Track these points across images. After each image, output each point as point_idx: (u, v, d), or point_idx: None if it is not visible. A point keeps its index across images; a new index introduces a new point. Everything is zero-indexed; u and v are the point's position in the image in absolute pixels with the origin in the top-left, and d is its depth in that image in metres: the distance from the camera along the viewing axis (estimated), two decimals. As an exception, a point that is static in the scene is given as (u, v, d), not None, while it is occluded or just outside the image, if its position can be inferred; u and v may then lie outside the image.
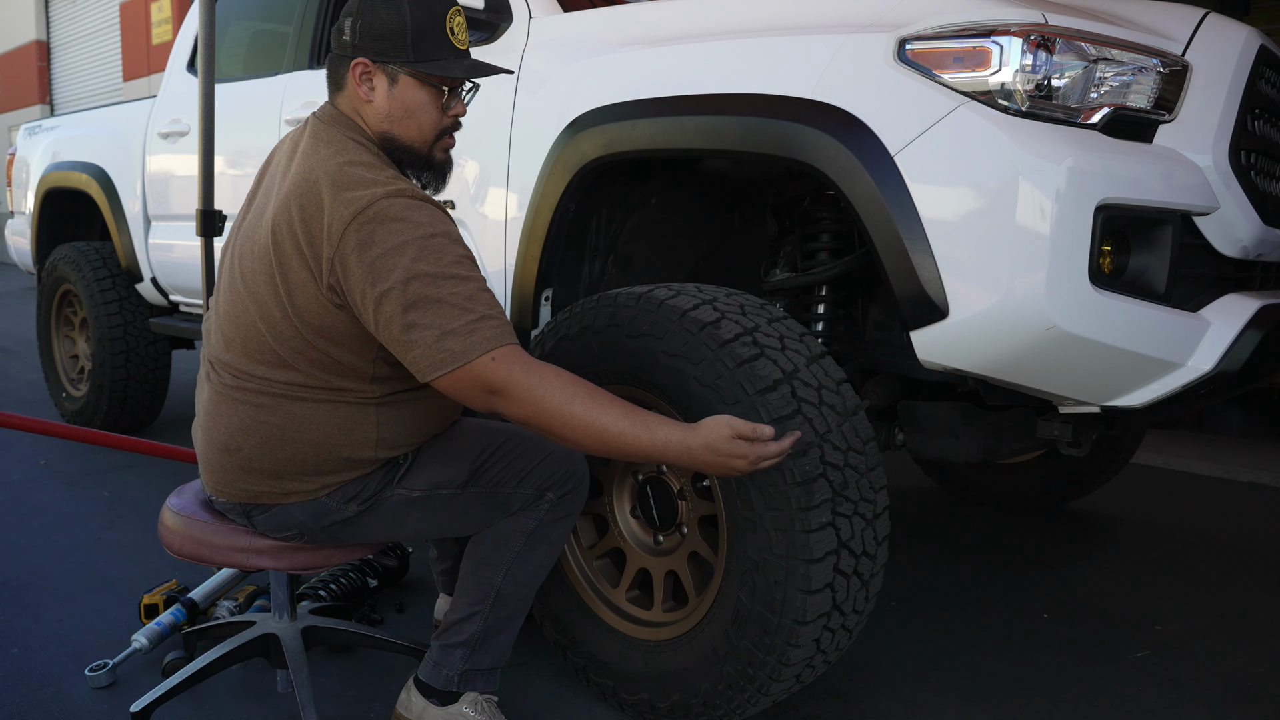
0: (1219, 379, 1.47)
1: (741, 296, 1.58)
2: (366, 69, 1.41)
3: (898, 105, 1.46)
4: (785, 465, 1.38)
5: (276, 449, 1.41)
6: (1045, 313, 1.37)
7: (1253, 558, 2.62)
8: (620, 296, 1.60)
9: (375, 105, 1.42)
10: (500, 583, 1.50)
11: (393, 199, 1.30)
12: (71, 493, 3.06)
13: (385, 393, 1.43)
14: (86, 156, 3.70)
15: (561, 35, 2.04)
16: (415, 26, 1.38)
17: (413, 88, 1.41)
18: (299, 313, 1.35)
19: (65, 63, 12.91)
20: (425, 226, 1.30)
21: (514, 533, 1.49)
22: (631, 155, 1.78)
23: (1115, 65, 1.45)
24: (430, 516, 1.51)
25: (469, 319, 1.27)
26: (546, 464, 1.48)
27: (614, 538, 1.75)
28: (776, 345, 1.48)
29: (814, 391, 1.45)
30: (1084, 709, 1.79)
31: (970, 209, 1.40)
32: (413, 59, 1.39)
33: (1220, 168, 1.50)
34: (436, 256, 1.29)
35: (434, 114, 1.44)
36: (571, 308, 1.68)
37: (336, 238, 1.29)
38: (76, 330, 3.95)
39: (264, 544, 1.52)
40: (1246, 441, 4.04)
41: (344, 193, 1.30)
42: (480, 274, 1.34)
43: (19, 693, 1.78)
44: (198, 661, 1.68)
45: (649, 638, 1.64)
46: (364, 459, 1.44)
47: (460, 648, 1.51)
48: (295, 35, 2.92)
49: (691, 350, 1.47)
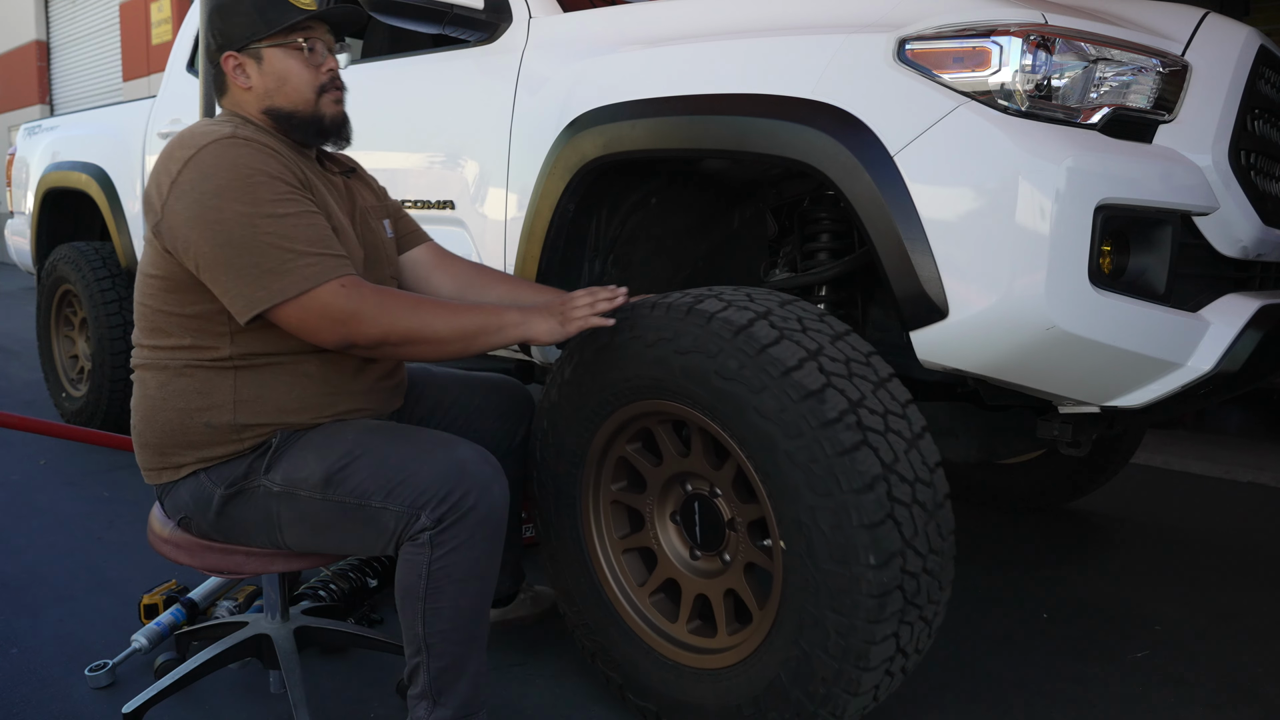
0: (1219, 379, 1.46)
1: (798, 307, 1.49)
2: (236, 60, 1.50)
3: (897, 105, 1.46)
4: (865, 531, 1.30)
5: (153, 419, 1.47)
6: (1045, 313, 1.36)
7: (1253, 558, 2.62)
8: (670, 306, 1.51)
9: (254, 88, 1.50)
10: (423, 632, 1.38)
11: (218, 142, 1.37)
12: (71, 493, 3.05)
13: (243, 353, 1.44)
14: (86, 156, 3.70)
15: (561, 35, 2.04)
16: (258, 3, 1.47)
17: (277, 56, 1.49)
18: (152, 264, 1.44)
19: (65, 63, 12.90)
20: (243, 166, 1.35)
21: (412, 574, 1.36)
22: (631, 155, 1.78)
23: (1115, 65, 1.45)
24: (301, 523, 1.43)
25: (287, 255, 1.34)
26: (419, 477, 1.35)
27: (668, 570, 1.67)
28: (843, 373, 1.39)
29: (880, 419, 1.37)
30: (1084, 709, 1.79)
31: (970, 209, 1.40)
32: (265, 30, 1.47)
33: (1220, 168, 1.50)
34: (253, 194, 1.34)
35: (305, 72, 1.50)
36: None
37: (167, 188, 1.37)
38: (76, 330, 3.95)
39: (181, 537, 1.53)
40: (1246, 441, 4.03)
41: (178, 149, 1.39)
42: (311, 208, 1.40)
43: (19, 693, 1.78)
44: (190, 662, 1.68)
45: (712, 665, 1.56)
46: (224, 424, 1.43)
47: (422, 700, 1.42)
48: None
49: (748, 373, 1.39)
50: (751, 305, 1.47)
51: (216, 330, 1.43)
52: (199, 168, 1.35)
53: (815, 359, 1.38)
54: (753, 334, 1.40)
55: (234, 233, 1.33)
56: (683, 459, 1.61)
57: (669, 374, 1.48)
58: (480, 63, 2.13)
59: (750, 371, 1.38)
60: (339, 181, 1.61)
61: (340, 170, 1.65)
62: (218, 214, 1.33)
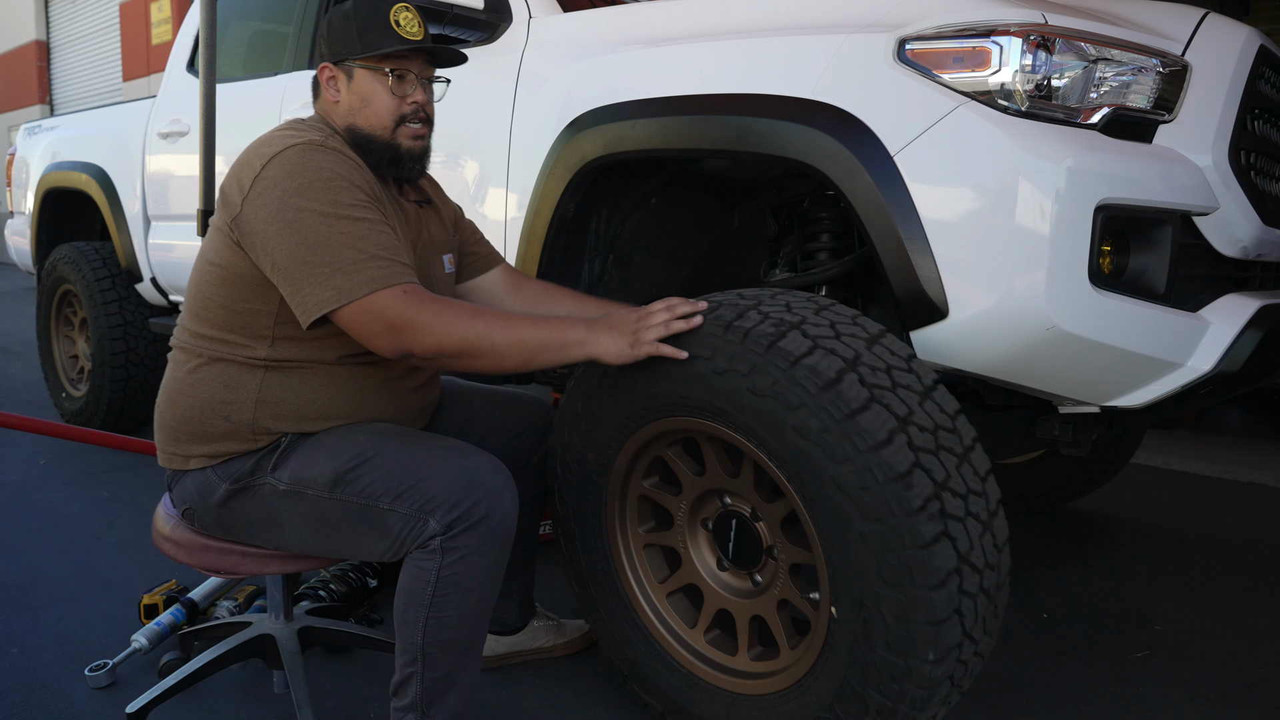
0: (1219, 379, 1.46)
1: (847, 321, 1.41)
2: (331, 72, 1.53)
3: (898, 105, 1.46)
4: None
5: (176, 403, 1.48)
6: (1045, 313, 1.36)
7: (1253, 558, 2.62)
8: (749, 335, 1.38)
9: (341, 104, 1.52)
10: (422, 640, 1.35)
11: (306, 145, 1.39)
12: (71, 493, 3.05)
13: (277, 357, 1.44)
14: (86, 156, 3.70)
15: (561, 35, 2.04)
16: (361, 23, 1.49)
17: (366, 78, 1.50)
18: (216, 253, 1.44)
19: (65, 63, 12.90)
20: (326, 170, 1.37)
21: (419, 580, 1.34)
22: (631, 155, 1.78)
23: (1115, 65, 1.45)
24: (305, 523, 1.42)
25: (358, 257, 1.34)
26: (431, 482, 1.34)
27: (714, 600, 1.61)
28: (887, 384, 1.33)
29: (930, 436, 1.30)
30: (1084, 709, 1.79)
31: (970, 209, 1.39)
32: (359, 50, 1.49)
33: (1220, 168, 1.50)
34: (332, 197, 1.36)
35: (388, 99, 1.51)
36: None
37: (249, 183, 1.38)
38: (76, 330, 3.95)
39: (181, 536, 1.53)
40: (1246, 441, 4.03)
41: (264, 147, 1.41)
42: (384, 221, 1.40)
43: (19, 693, 1.78)
44: (194, 662, 1.68)
45: (731, 688, 1.53)
46: (243, 423, 1.43)
47: (410, 712, 1.38)
48: (295, 35, 2.92)
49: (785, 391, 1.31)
50: (839, 351, 1.34)
51: (259, 332, 1.44)
52: (283, 166, 1.37)
53: (903, 429, 1.28)
54: (841, 393, 1.29)
55: (310, 232, 1.34)
56: (730, 478, 1.54)
57: (736, 408, 1.37)
58: (480, 63, 2.13)
59: (835, 438, 1.27)
60: (410, 209, 1.59)
61: (414, 199, 1.63)
62: (296, 212, 1.34)
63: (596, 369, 1.58)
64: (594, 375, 1.60)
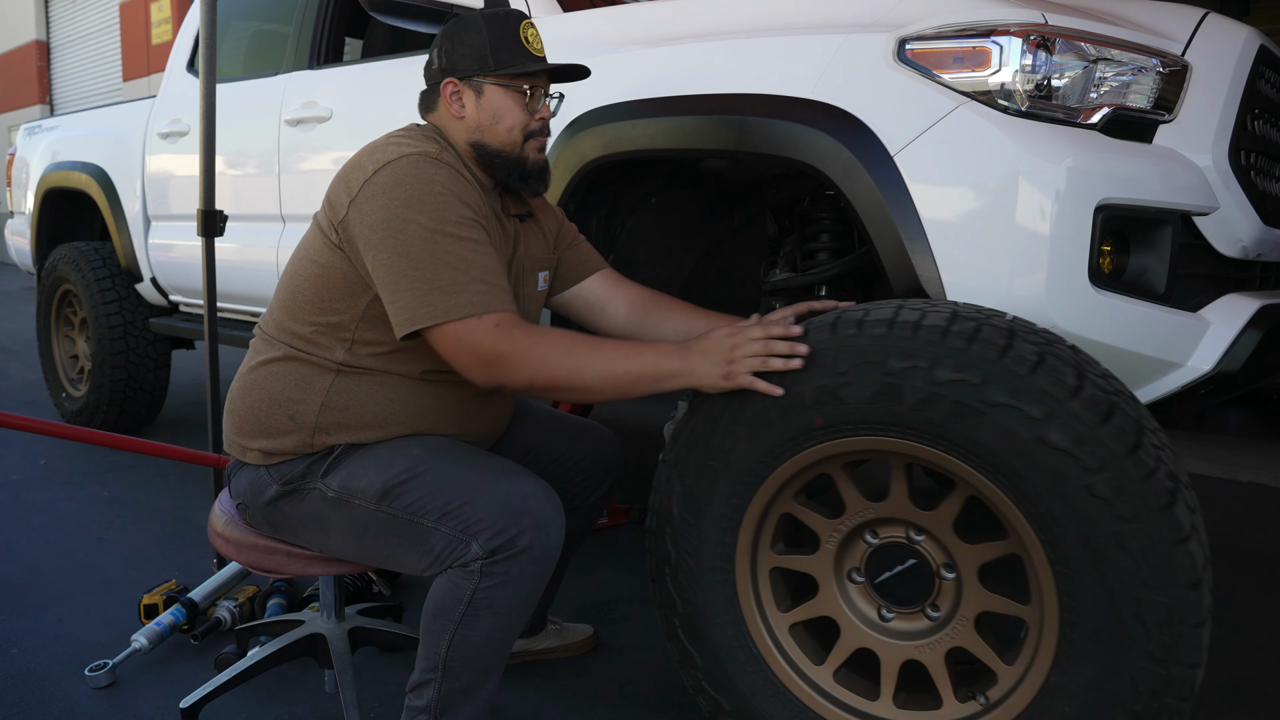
0: (1219, 379, 1.46)
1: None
2: (456, 87, 1.50)
3: (898, 105, 1.46)
4: None
5: (247, 393, 1.49)
6: (1045, 313, 1.37)
7: (1253, 558, 2.62)
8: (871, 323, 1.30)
9: (466, 119, 1.50)
10: (446, 654, 1.35)
11: (420, 156, 1.38)
12: (71, 493, 3.06)
13: (352, 363, 1.44)
14: (86, 156, 3.70)
15: (561, 35, 2.04)
16: (493, 39, 1.48)
17: (497, 94, 1.49)
18: (317, 251, 1.44)
19: (65, 63, 12.91)
20: (438, 184, 1.36)
21: (451, 596, 1.33)
22: (631, 155, 1.78)
23: (1115, 65, 1.45)
24: (349, 530, 1.43)
25: (460, 278, 1.33)
26: (478, 505, 1.32)
27: (858, 638, 1.46)
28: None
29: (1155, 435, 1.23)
30: (1084, 709, 1.78)
31: (970, 209, 1.40)
32: (493, 67, 1.48)
33: (1220, 168, 1.50)
34: (441, 213, 1.34)
35: (519, 115, 1.50)
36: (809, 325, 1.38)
37: (358, 187, 1.38)
38: (76, 330, 3.95)
39: (231, 533, 1.55)
40: (1246, 441, 4.04)
41: (377, 153, 1.41)
42: (484, 238, 1.38)
43: (19, 693, 1.78)
44: (247, 659, 1.70)
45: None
46: (306, 424, 1.43)
47: (422, 713, 1.39)
48: (295, 35, 2.92)
49: None
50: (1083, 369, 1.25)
51: (341, 335, 1.43)
52: (395, 174, 1.36)
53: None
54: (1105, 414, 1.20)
55: (415, 245, 1.32)
56: (874, 503, 1.42)
57: (966, 440, 1.25)
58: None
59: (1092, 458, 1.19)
60: (511, 225, 1.56)
61: (515, 212, 1.58)
62: (403, 223, 1.33)
63: None
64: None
